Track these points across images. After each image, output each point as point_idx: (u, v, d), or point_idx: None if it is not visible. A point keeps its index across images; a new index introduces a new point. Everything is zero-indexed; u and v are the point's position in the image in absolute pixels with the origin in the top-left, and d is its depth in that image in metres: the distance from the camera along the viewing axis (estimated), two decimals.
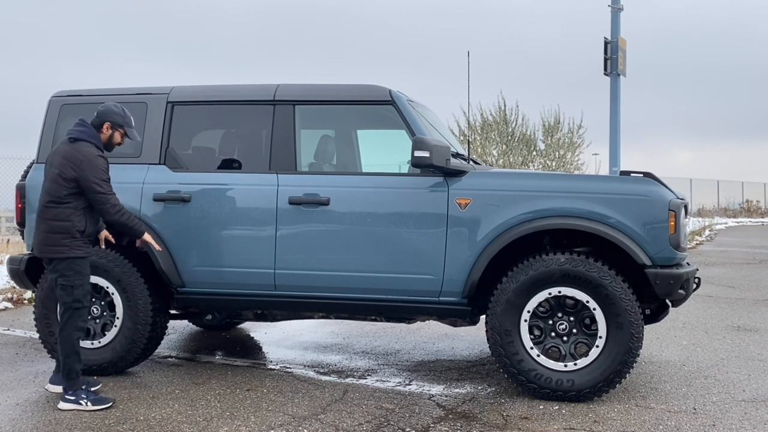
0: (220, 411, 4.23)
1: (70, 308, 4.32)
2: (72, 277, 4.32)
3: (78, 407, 4.23)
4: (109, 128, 4.45)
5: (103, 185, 4.29)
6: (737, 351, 5.86)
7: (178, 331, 6.60)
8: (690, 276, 4.53)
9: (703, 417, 4.15)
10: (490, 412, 4.25)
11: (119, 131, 4.47)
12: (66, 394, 4.28)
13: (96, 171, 4.28)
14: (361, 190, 4.78)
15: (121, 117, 4.47)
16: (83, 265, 4.37)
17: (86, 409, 4.22)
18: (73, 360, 4.31)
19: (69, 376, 4.31)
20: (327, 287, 4.78)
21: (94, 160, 4.29)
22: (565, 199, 4.50)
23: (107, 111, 4.46)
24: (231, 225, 4.88)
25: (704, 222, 24.35)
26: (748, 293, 9.09)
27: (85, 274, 4.38)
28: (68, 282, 4.32)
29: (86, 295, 4.38)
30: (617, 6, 16.28)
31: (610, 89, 16.27)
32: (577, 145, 24.02)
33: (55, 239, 4.31)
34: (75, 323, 4.33)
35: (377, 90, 4.91)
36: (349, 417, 4.12)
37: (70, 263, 4.32)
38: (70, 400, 4.25)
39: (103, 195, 4.29)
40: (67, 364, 4.31)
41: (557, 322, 4.47)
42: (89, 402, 4.25)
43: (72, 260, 4.32)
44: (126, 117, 4.49)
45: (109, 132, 4.45)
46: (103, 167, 4.32)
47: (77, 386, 4.30)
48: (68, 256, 4.31)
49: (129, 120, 4.52)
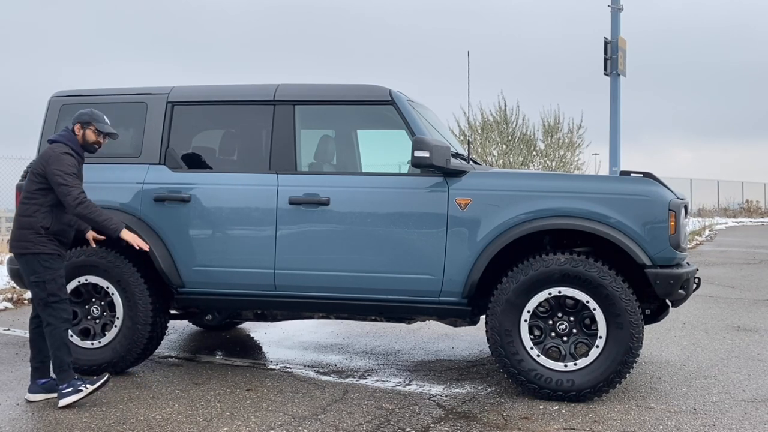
0: (220, 411, 4.23)
1: (48, 304, 4.32)
2: (42, 272, 4.33)
3: (79, 395, 4.25)
4: (80, 128, 4.48)
5: (66, 178, 4.29)
6: (737, 351, 5.86)
7: (178, 331, 6.60)
8: (690, 276, 4.53)
9: (703, 417, 4.15)
10: (490, 412, 4.25)
11: (90, 128, 4.48)
12: (62, 389, 4.28)
13: (61, 165, 4.31)
14: (361, 190, 4.78)
15: (88, 115, 4.50)
16: (51, 260, 4.35)
17: (88, 392, 4.25)
18: (63, 353, 4.32)
19: (61, 369, 4.31)
20: (327, 287, 4.78)
21: (61, 156, 4.35)
22: (565, 199, 4.50)
23: (77, 114, 4.54)
24: (231, 225, 4.88)
25: (704, 222, 24.35)
26: (748, 293, 9.09)
27: (56, 269, 4.36)
28: (39, 278, 4.33)
29: (61, 288, 4.37)
30: (617, 6, 16.28)
31: (610, 89, 16.27)
32: (577, 145, 24.01)
33: (22, 235, 4.35)
34: (59, 315, 4.33)
35: (377, 90, 4.91)
36: (349, 417, 4.12)
37: (37, 259, 4.33)
38: (68, 393, 4.26)
39: (65, 186, 4.28)
40: (57, 357, 4.31)
41: (557, 322, 4.47)
42: (88, 384, 4.28)
43: (37, 256, 4.33)
44: (93, 114, 4.51)
45: (81, 131, 4.48)
46: (69, 163, 4.34)
47: (71, 377, 4.32)
48: (33, 252, 4.33)
49: (96, 116, 4.51)
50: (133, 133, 5.22)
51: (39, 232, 4.33)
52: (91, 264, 4.95)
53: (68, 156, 4.38)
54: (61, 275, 4.39)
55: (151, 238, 4.91)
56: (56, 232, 4.40)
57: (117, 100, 5.27)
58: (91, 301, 5.07)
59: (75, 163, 4.41)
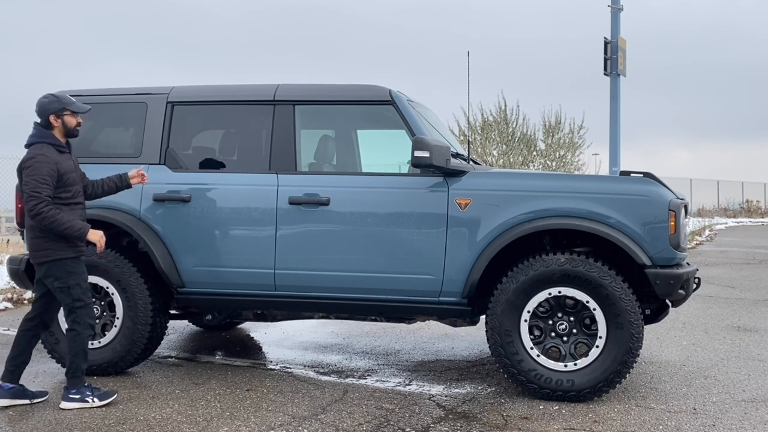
0: (220, 411, 4.23)
1: (73, 309, 4.31)
2: (65, 278, 4.29)
3: (84, 405, 4.23)
4: (56, 119, 4.32)
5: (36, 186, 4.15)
6: (737, 351, 5.85)
7: (178, 331, 6.60)
8: (690, 276, 4.53)
9: (703, 417, 4.15)
10: (490, 412, 4.25)
11: (66, 114, 4.35)
12: (70, 393, 4.28)
13: (34, 173, 4.17)
14: (361, 191, 4.78)
15: (57, 102, 4.33)
16: (73, 264, 4.32)
17: (93, 406, 4.23)
18: (81, 359, 4.32)
19: (75, 374, 4.30)
20: (327, 287, 4.78)
21: (38, 165, 4.19)
22: (565, 199, 4.50)
23: (42, 107, 4.34)
24: (231, 225, 4.88)
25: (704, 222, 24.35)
26: (748, 293, 9.09)
27: (79, 273, 4.34)
28: (64, 284, 4.30)
29: (86, 292, 4.35)
30: (617, 6, 16.29)
31: (610, 89, 16.28)
32: (577, 145, 24.03)
33: (39, 243, 4.29)
34: (83, 321, 4.31)
35: (377, 90, 4.91)
36: (349, 417, 4.12)
37: (60, 265, 4.29)
38: (74, 399, 4.25)
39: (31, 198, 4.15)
40: (74, 363, 4.30)
41: (557, 322, 4.47)
42: (95, 398, 4.27)
43: (61, 261, 4.28)
44: (60, 99, 4.34)
45: (59, 121, 4.33)
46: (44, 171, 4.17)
47: (81, 384, 4.31)
48: (54, 258, 4.28)
49: (64, 99, 4.35)
50: (133, 134, 5.22)
51: (52, 238, 4.27)
52: (91, 264, 4.94)
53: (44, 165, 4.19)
54: (84, 279, 4.37)
55: (151, 238, 4.92)
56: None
57: (117, 101, 5.27)
58: (92, 297, 5.06)
59: (51, 167, 4.20)
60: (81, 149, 5.32)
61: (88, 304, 4.36)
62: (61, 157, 4.33)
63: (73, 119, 4.39)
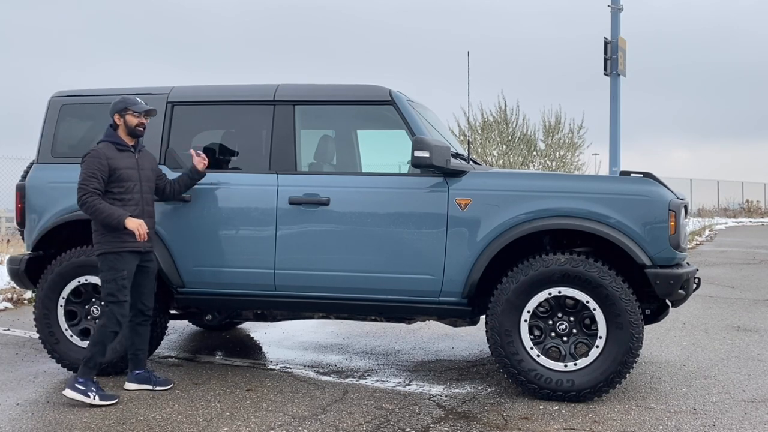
0: (220, 411, 4.23)
1: (107, 303, 4.47)
2: (106, 272, 4.47)
3: (84, 399, 4.28)
4: (119, 118, 4.59)
5: (85, 179, 4.41)
6: (737, 351, 5.86)
7: (178, 331, 6.60)
8: (690, 276, 4.53)
9: (703, 417, 4.15)
10: (490, 412, 4.25)
11: (128, 114, 4.57)
12: (77, 381, 4.34)
13: (86, 167, 4.44)
14: (361, 191, 4.78)
15: (121, 102, 4.58)
16: (116, 260, 4.46)
17: (91, 403, 4.26)
18: (99, 351, 4.42)
19: (87, 364, 4.39)
20: (327, 287, 4.78)
21: (89, 160, 4.46)
22: (565, 199, 4.50)
23: (111, 107, 4.64)
24: (231, 225, 4.88)
25: (704, 222, 24.35)
26: (748, 293, 9.09)
27: (120, 269, 4.46)
28: (103, 277, 4.49)
29: (121, 289, 4.46)
30: (617, 6, 16.29)
31: (610, 89, 16.28)
32: (577, 145, 24.03)
33: (95, 237, 4.51)
34: (113, 317, 4.44)
35: (377, 90, 4.91)
36: (349, 417, 4.12)
37: (104, 259, 4.47)
38: (78, 390, 4.30)
39: (80, 187, 4.42)
40: (91, 353, 4.40)
41: (557, 323, 4.47)
42: (97, 396, 4.31)
43: (104, 255, 4.47)
44: (124, 100, 4.59)
45: (122, 120, 4.58)
46: (94, 165, 4.42)
47: (91, 376, 4.38)
48: (101, 252, 4.47)
49: (128, 100, 4.60)
50: None
51: (102, 232, 4.47)
52: (91, 264, 4.95)
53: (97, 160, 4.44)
54: (123, 276, 4.47)
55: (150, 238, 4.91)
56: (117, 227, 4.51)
57: None
58: (91, 301, 5.07)
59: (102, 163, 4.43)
60: (82, 148, 5.33)
61: (121, 301, 4.46)
62: (119, 155, 4.53)
63: (134, 119, 4.60)
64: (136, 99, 4.65)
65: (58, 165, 5.21)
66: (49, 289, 5.04)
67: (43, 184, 5.21)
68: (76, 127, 5.38)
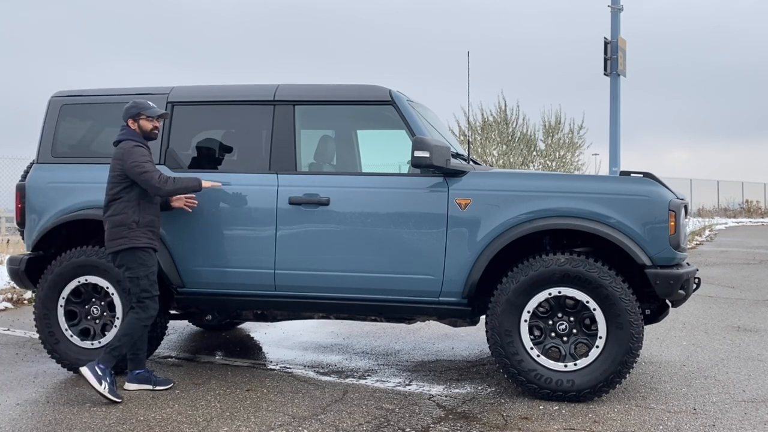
0: (220, 411, 4.23)
1: (141, 299, 4.52)
2: (136, 269, 4.52)
3: (96, 384, 4.33)
4: (133, 122, 4.66)
5: (143, 166, 4.49)
6: (737, 351, 5.86)
7: (178, 331, 6.60)
8: (690, 276, 4.53)
9: (703, 417, 4.15)
10: (490, 412, 4.25)
11: (142, 118, 4.64)
12: (97, 365, 4.38)
13: (135, 157, 4.50)
14: (361, 191, 4.78)
15: (134, 107, 4.65)
16: (146, 256, 4.54)
17: (101, 391, 4.31)
18: (126, 343, 4.50)
19: (112, 353, 4.47)
20: (327, 287, 4.78)
21: (132, 150, 4.53)
22: (565, 199, 4.50)
23: (124, 111, 4.69)
24: (231, 225, 4.88)
25: (704, 222, 24.34)
26: (748, 293, 9.09)
27: (149, 265, 4.56)
28: (133, 274, 4.52)
29: (153, 284, 4.57)
30: (617, 6, 16.28)
31: (610, 89, 16.28)
32: (577, 145, 24.03)
33: (116, 232, 4.53)
34: (147, 311, 4.53)
35: (377, 90, 4.91)
36: (349, 417, 4.12)
37: (133, 254, 4.51)
38: (96, 373, 4.35)
39: (146, 173, 4.47)
40: (119, 342, 4.49)
41: (557, 323, 4.47)
42: (107, 387, 4.35)
43: (133, 251, 4.51)
44: (137, 105, 4.66)
45: (136, 124, 4.65)
46: (141, 152, 4.54)
47: (110, 364, 4.44)
48: (129, 247, 4.51)
49: (141, 105, 4.67)
50: None
51: (131, 227, 4.52)
52: (91, 264, 4.95)
53: (138, 147, 4.56)
54: (153, 272, 4.59)
55: None
56: (147, 224, 4.58)
57: (117, 100, 5.26)
58: (91, 301, 5.07)
59: (147, 152, 4.59)
60: (81, 149, 5.33)
61: (155, 295, 4.56)
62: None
63: (148, 123, 4.68)
64: (149, 103, 4.71)
65: (58, 165, 5.22)
66: (49, 289, 5.04)
67: (43, 184, 5.21)
68: (76, 127, 5.38)
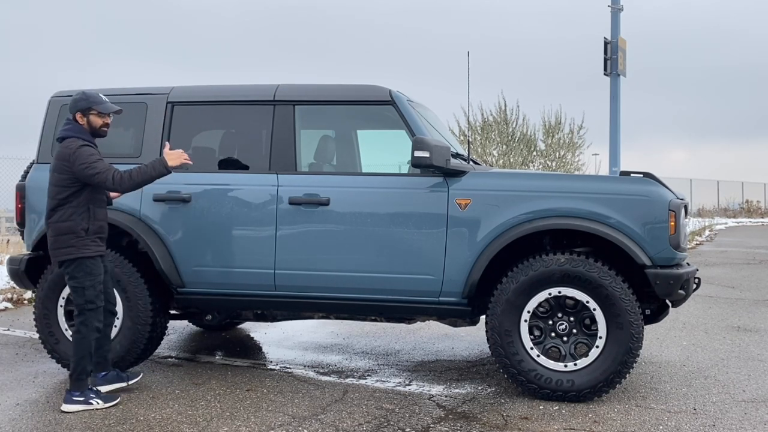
0: (220, 411, 4.23)
1: (84, 311, 4.30)
2: (82, 278, 4.30)
3: (88, 407, 4.21)
4: (82, 117, 4.37)
5: (94, 166, 4.20)
6: (737, 351, 5.85)
7: (178, 331, 6.60)
8: (690, 276, 4.53)
9: (703, 417, 4.15)
10: (490, 412, 4.25)
11: (92, 114, 4.38)
12: (73, 396, 4.24)
13: (82, 158, 4.22)
14: (361, 191, 4.78)
15: (84, 101, 4.36)
16: (93, 265, 4.33)
17: (98, 408, 4.22)
18: (86, 362, 4.30)
19: (79, 378, 4.28)
20: (327, 287, 4.78)
21: (79, 150, 4.24)
22: (565, 199, 4.50)
23: (72, 103, 4.40)
24: (231, 225, 4.88)
25: (704, 222, 24.35)
26: (748, 293, 9.09)
27: (97, 274, 4.34)
28: (79, 284, 4.30)
29: (98, 295, 4.34)
30: (617, 6, 16.29)
31: (610, 89, 16.28)
32: (577, 145, 24.04)
33: (63, 240, 4.29)
34: (90, 324, 4.30)
35: (377, 90, 4.91)
36: (349, 417, 4.12)
37: (80, 264, 4.29)
38: (78, 401, 4.22)
39: (98, 174, 4.20)
40: (79, 365, 4.28)
41: (557, 323, 4.47)
42: (100, 401, 4.26)
43: (82, 260, 4.29)
44: (88, 98, 4.37)
45: (85, 119, 4.37)
46: (89, 152, 4.25)
47: (85, 386, 4.29)
48: (77, 257, 4.29)
49: (93, 98, 4.38)
50: (133, 134, 5.22)
51: (80, 235, 4.28)
52: None
53: (85, 147, 4.27)
54: (100, 281, 4.36)
55: (150, 239, 4.92)
56: (96, 230, 4.37)
57: (117, 101, 5.24)
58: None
59: (95, 151, 4.30)
60: None
61: (99, 307, 4.35)
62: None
63: (99, 119, 4.39)
64: (101, 96, 4.42)
65: None
66: (49, 289, 5.04)
67: (43, 184, 5.19)
68: None
